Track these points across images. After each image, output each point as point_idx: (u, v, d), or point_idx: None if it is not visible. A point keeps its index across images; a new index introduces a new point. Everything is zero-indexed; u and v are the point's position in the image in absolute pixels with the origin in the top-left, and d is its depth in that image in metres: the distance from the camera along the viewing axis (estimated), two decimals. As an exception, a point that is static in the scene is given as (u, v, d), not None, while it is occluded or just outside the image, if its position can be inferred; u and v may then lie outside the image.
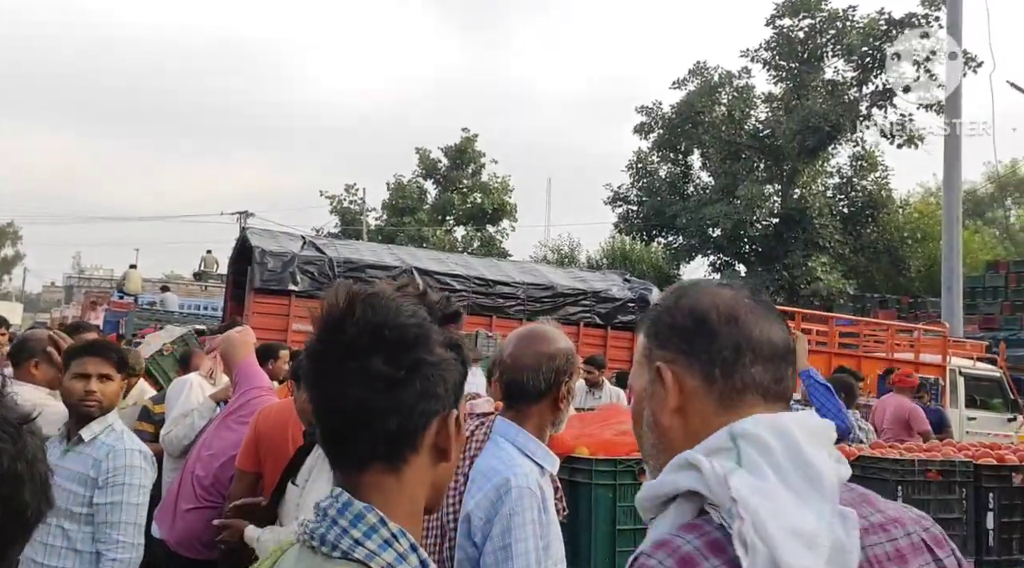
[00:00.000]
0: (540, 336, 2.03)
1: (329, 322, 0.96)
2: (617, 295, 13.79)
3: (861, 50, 24.55)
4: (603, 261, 31.78)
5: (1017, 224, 34.90)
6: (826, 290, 23.55)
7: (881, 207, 25.79)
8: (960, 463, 2.95)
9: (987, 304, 19.91)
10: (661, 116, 27.50)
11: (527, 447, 1.95)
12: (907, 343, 12.44)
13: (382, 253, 12.93)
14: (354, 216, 34.54)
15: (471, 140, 33.96)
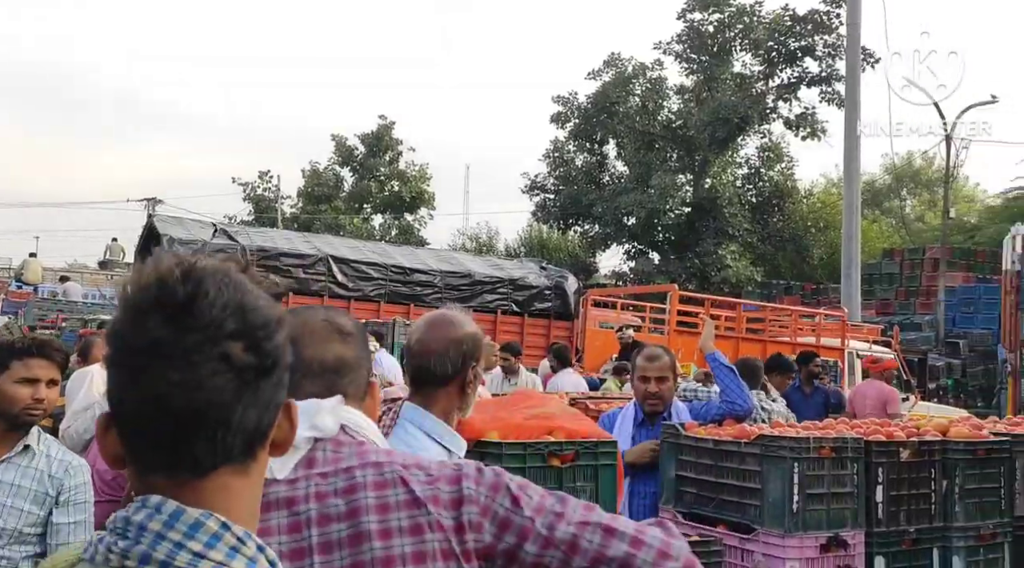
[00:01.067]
0: (447, 321, 2.04)
1: (168, 301, 0.79)
2: (534, 283, 13.93)
3: (767, 45, 25.45)
4: (521, 249, 31.99)
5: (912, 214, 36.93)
6: (735, 277, 24.41)
7: (787, 197, 26.89)
8: (852, 440, 3.10)
9: (883, 290, 21.07)
10: (577, 106, 27.82)
11: (434, 431, 1.95)
12: (809, 328, 13.02)
13: (297, 241, 12.66)
14: (268, 203, 33.63)
15: (388, 127, 33.52)
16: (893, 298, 20.59)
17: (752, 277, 24.87)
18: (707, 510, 3.22)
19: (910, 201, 37.73)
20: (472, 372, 1.98)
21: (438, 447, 1.92)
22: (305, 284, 11.79)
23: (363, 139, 33.55)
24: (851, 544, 3.00)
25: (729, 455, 3.17)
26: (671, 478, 3.41)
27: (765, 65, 26.02)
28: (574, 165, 28.82)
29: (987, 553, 3.18)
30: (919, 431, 3.43)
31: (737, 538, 3.04)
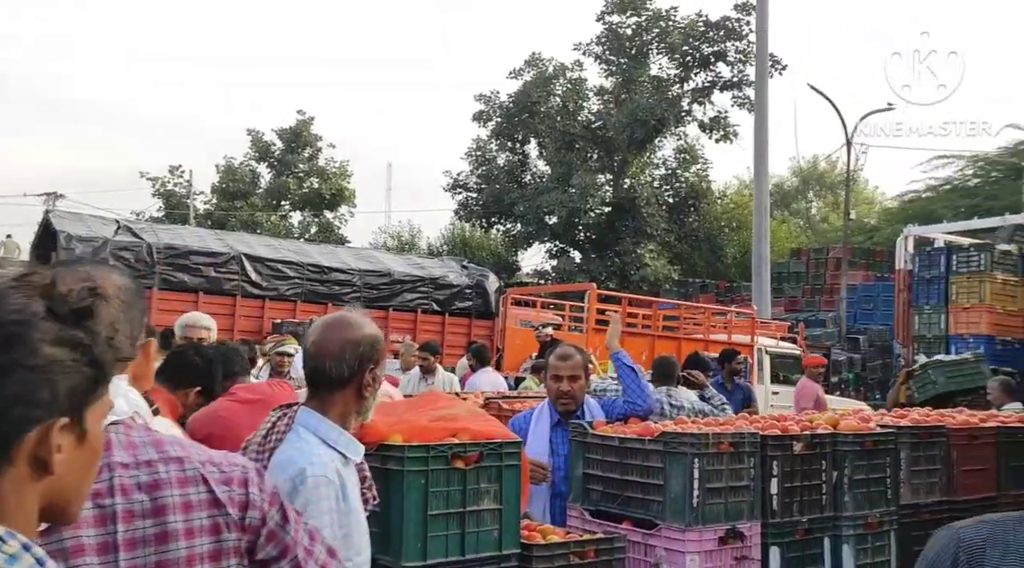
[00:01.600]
0: (344, 323, 2.00)
1: None
2: (455, 282, 13.91)
3: (682, 49, 26.11)
4: (443, 248, 31.88)
5: (818, 215, 38.59)
6: (654, 275, 24.95)
7: (702, 198, 27.68)
8: (749, 434, 3.21)
9: (791, 288, 21.93)
10: (499, 105, 27.90)
11: (329, 436, 1.92)
12: (721, 325, 13.44)
13: (208, 239, 12.28)
14: (180, 200, 32.44)
15: (307, 123, 32.82)
16: (800, 296, 21.46)
17: (670, 276, 25.48)
18: (613, 507, 3.27)
19: (816, 203, 39.43)
20: (370, 375, 1.95)
21: (332, 452, 1.89)
22: (216, 283, 11.46)
23: (281, 135, 32.75)
24: (747, 536, 3.10)
25: (634, 452, 3.24)
26: (578, 477, 3.45)
27: (681, 69, 26.69)
28: (496, 164, 28.90)
29: (874, 541, 3.34)
30: (812, 425, 3.58)
31: (640, 534, 3.10)
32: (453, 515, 2.47)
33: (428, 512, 2.42)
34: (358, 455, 1.97)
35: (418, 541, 2.40)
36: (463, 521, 2.49)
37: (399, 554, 2.37)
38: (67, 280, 0.93)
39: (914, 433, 3.62)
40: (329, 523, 1.77)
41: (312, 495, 1.77)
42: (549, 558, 2.65)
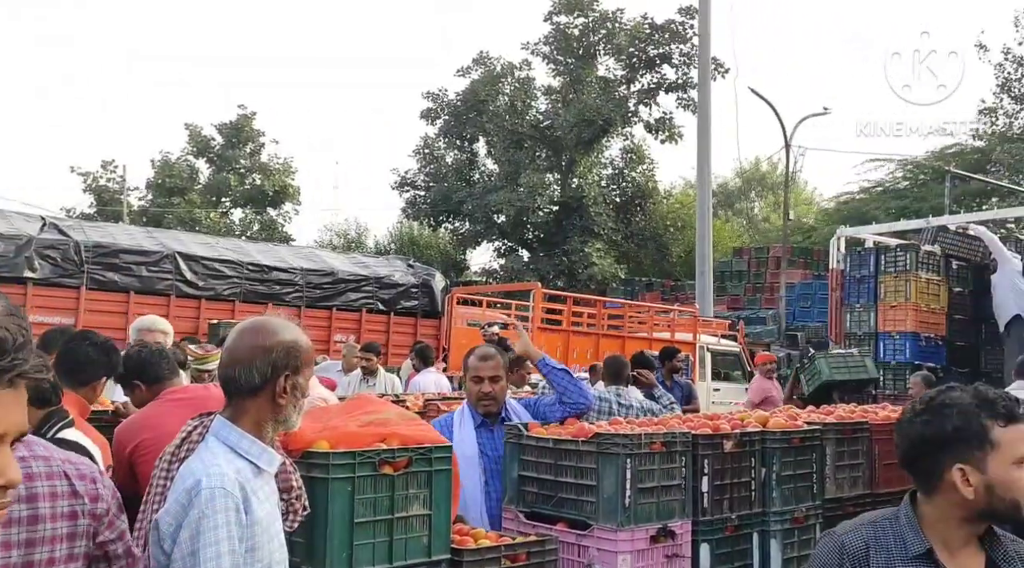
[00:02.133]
0: (259, 328, 1.94)
1: None
2: (400, 281, 13.80)
3: (629, 50, 26.39)
4: (391, 246, 31.63)
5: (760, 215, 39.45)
6: (601, 274, 25.16)
7: (648, 197, 28.00)
8: (680, 434, 3.24)
9: (734, 286, 22.36)
10: (447, 103, 27.80)
11: (240, 446, 1.86)
12: (665, 323, 13.61)
13: (140, 237, 11.92)
14: (112, 195, 31.42)
15: (248, 118, 32.15)
16: (742, 294, 21.88)
17: (616, 274, 25.72)
18: (547, 508, 3.27)
19: (758, 203, 40.30)
20: (286, 382, 1.89)
21: (242, 462, 1.84)
22: (149, 283, 11.14)
23: (220, 129, 32.01)
24: (679, 534, 3.13)
25: (568, 453, 3.23)
26: (514, 478, 3.44)
27: (627, 70, 26.97)
28: (444, 162, 28.78)
29: (800, 535, 3.41)
30: (743, 423, 3.63)
31: (574, 535, 3.10)
32: (380, 522, 2.42)
33: (354, 520, 2.37)
34: (272, 466, 1.92)
35: (344, 550, 2.34)
36: (391, 528, 2.44)
37: (324, 564, 2.32)
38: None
39: (838, 429, 3.71)
40: (226, 536, 1.71)
41: (207, 508, 1.72)
42: (480, 563, 2.63)
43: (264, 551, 1.82)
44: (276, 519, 1.92)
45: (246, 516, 1.76)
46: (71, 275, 10.43)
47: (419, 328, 13.64)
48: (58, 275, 10.31)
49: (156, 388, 3.21)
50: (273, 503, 1.92)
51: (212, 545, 1.69)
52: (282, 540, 1.93)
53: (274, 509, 1.92)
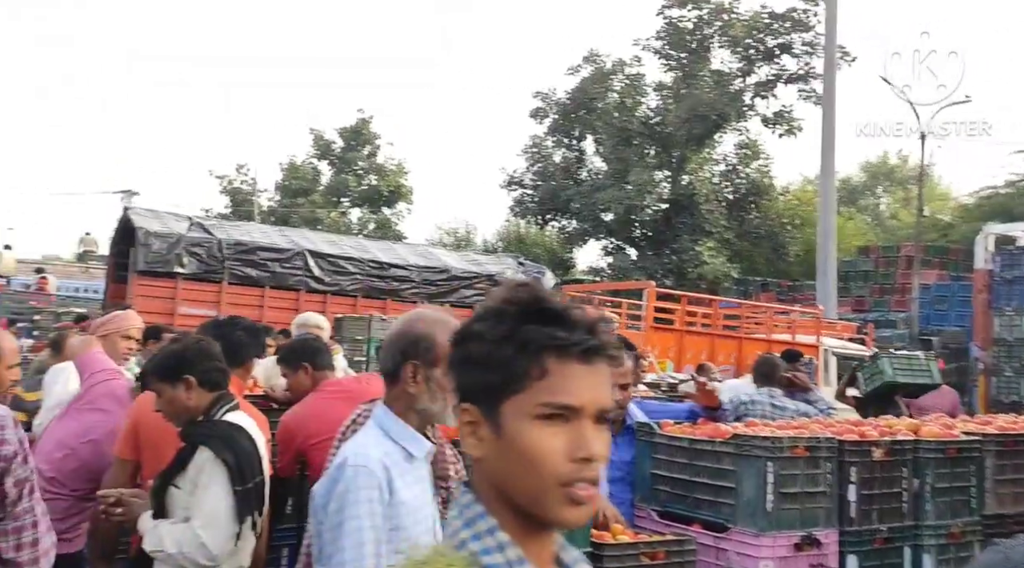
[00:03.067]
0: (403, 319, 2.06)
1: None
2: (511, 278, 13.91)
3: (745, 42, 25.57)
4: (499, 244, 31.97)
5: (887, 211, 37.38)
6: (712, 273, 24.52)
7: (763, 194, 27.05)
8: (825, 439, 3.12)
9: (858, 287, 21.26)
10: (556, 102, 27.82)
11: (392, 430, 1.96)
12: (785, 325, 13.13)
13: (274, 235, 12.55)
14: (245, 197, 33.32)
15: (367, 121, 33.32)
16: (868, 295, 20.79)
17: (729, 274, 25.01)
18: (681, 508, 3.23)
19: (885, 199, 38.20)
20: (415, 371, 1.97)
21: (393, 446, 1.93)
22: (282, 278, 11.69)
23: (341, 133, 33.33)
24: (824, 543, 3.02)
25: (703, 454, 3.18)
26: (645, 476, 3.41)
27: (743, 62, 26.15)
28: (552, 161, 28.83)
29: (957, 552, 3.22)
30: (892, 430, 3.46)
31: (711, 537, 3.05)
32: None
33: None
34: (420, 451, 1.98)
35: (491, 538, 2.39)
36: (535, 520, 2.47)
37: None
38: None
39: (1000, 441, 3.47)
40: (367, 512, 1.81)
41: (350, 483, 1.82)
42: (620, 558, 2.63)
43: (409, 532, 1.89)
44: (425, 504, 1.98)
45: (389, 496, 1.85)
46: (214, 271, 11.12)
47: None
48: (203, 270, 11.02)
49: (319, 375, 3.42)
50: (423, 488, 1.98)
51: (354, 519, 1.79)
52: (430, 526, 1.99)
53: (423, 494, 1.98)
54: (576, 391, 1.02)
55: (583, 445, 1.01)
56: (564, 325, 1.03)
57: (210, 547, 2.37)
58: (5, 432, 1.77)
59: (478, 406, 1.04)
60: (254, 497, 2.46)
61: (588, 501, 1.02)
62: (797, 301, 18.05)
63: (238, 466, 2.43)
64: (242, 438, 2.52)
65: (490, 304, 1.08)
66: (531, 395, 1.01)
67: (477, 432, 1.04)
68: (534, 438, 1.01)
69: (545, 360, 1.02)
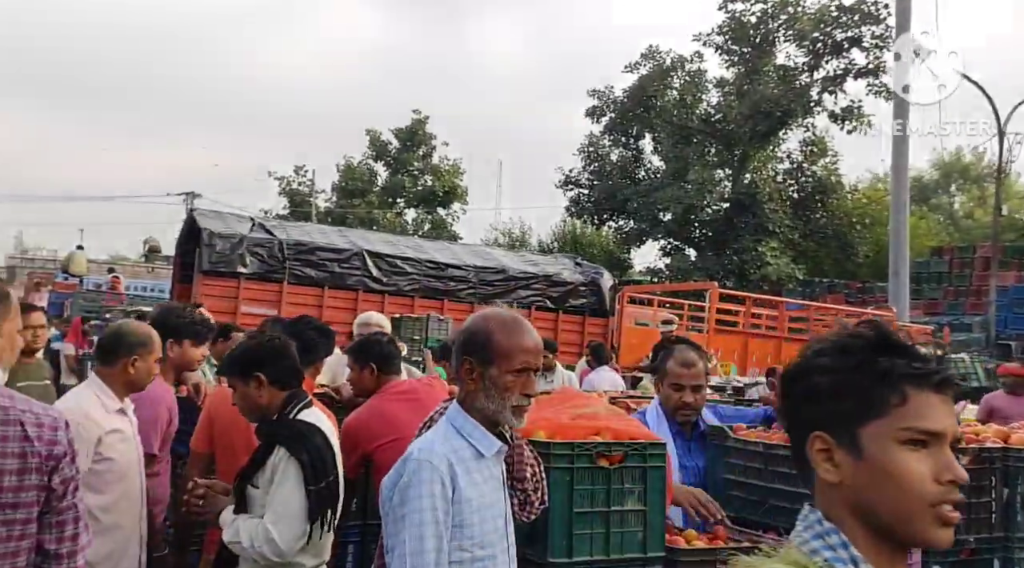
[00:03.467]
0: (472, 316, 2.12)
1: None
2: (568, 279, 13.81)
3: (812, 35, 24.89)
4: (554, 245, 31.85)
5: (961, 210, 35.98)
6: (775, 274, 23.95)
7: (830, 192, 26.27)
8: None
9: (931, 289, 20.50)
10: (613, 100, 27.54)
11: (463, 428, 2.00)
12: (854, 326, 12.71)
13: (332, 236, 12.71)
14: (303, 198, 33.96)
15: (422, 122, 33.59)
16: (942, 298, 20.02)
17: (793, 275, 24.39)
18: (756, 516, 3.10)
19: (959, 197, 36.75)
20: (472, 369, 1.99)
21: (463, 443, 1.98)
22: (340, 278, 11.83)
23: (397, 134, 33.67)
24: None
25: (780, 460, 3.05)
26: (718, 482, 3.29)
27: (810, 56, 25.44)
28: (609, 160, 28.57)
29: (1052, 564, 3.02)
30: (979, 437, 3.26)
31: (789, 545, 2.92)
32: (598, 514, 2.41)
33: (573, 509, 2.36)
34: (489, 450, 2.00)
35: (563, 538, 2.36)
36: (607, 521, 2.42)
37: (544, 551, 2.33)
38: None
39: (1105, 450, 3.24)
40: (428, 506, 1.86)
41: (412, 477, 1.89)
42: (695, 564, 2.54)
43: (475, 530, 1.92)
44: (496, 503, 1.99)
45: (453, 492, 1.89)
46: (275, 270, 11.31)
47: (587, 326, 13.59)
48: (265, 270, 11.22)
49: (383, 379, 3.42)
50: (493, 488, 2.00)
51: (415, 512, 1.85)
52: (499, 525, 1.99)
53: (492, 493, 1.99)
54: (937, 418, 1.10)
55: (950, 468, 1.10)
56: (915, 358, 1.12)
57: (279, 543, 2.41)
58: (58, 433, 1.87)
59: (831, 434, 1.11)
60: (327, 496, 2.49)
61: (955, 522, 1.11)
62: (867, 303, 17.48)
63: (312, 465, 2.47)
64: (316, 437, 2.55)
65: (829, 340, 1.17)
66: (893, 421, 1.09)
67: (832, 458, 1.11)
68: (902, 461, 1.09)
69: (905, 389, 1.10)
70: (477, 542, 1.92)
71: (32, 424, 1.85)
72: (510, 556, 2.05)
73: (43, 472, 1.84)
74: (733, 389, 7.67)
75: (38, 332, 4.79)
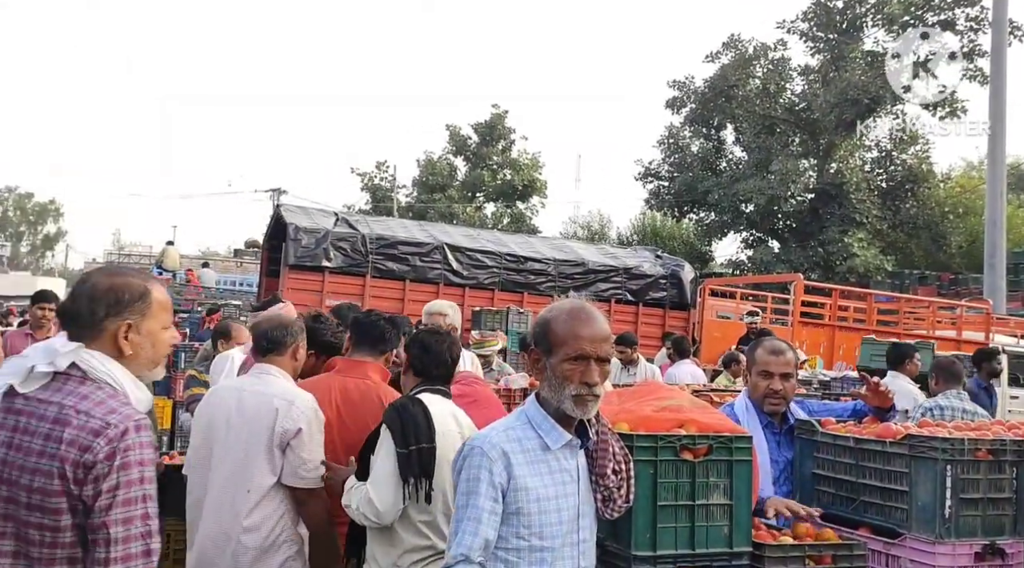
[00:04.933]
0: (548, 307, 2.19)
1: None
2: (649, 272, 13.68)
3: (902, 20, 23.86)
4: (633, 238, 31.55)
5: (1062, 199, 33.86)
6: (863, 266, 23.12)
7: (921, 181, 25.16)
8: (1011, 442, 2.86)
9: (1031, 280, 19.41)
10: (693, 90, 27.07)
11: (535, 419, 2.06)
12: (949, 320, 12.19)
13: (414, 230, 12.94)
14: (385, 193, 34.62)
15: (501, 116, 33.75)
16: (1042, 289, 18.93)
17: (882, 266, 23.48)
18: (847, 511, 3.05)
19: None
20: (534, 358, 2.09)
21: (533, 433, 2.03)
22: (422, 272, 12.04)
23: (476, 128, 33.93)
24: (1009, 553, 2.77)
25: (872, 455, 2.99)
26: (806, 476, 3.25)
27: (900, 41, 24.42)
28: (689, 151, 28.10)
29: None
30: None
31: (881, 542, 2.86)
32: (682, 507, 2.40)
33: (657, 503, 2.36)
34: (556, 444, 2.04)
35: (647, 531, 2.35)
36: (692, 514, 2.41)
37: (629, 543, 2.34)
38: None
39: None
40: (477, 489, 1.94)
41: (464, 462, 1.99)
42: (783, 560, 2.51)
43: (533, 520, 1.96)
44: (563, 496, 2.02)
45: (508, 480, 1.95)
46: (358, 264, 11.61)
47: (667, 319, 13.44)
48: (348, 264, 11.52)
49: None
50: (561, 479, 2.02)
51: (463, 495, 1.95)
52: (566, 518, 2.01)
53: (561, 486, 2.02)
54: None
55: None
56: None
57: (377, 504, 2.60)
58: (96, 441, 1.69)
59: None
60: (417, 460, 2.63)
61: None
62: (961, 295, 16.71)
63: (402, 430, 2.64)
64: (416, 408, 2.72)
65: None
66: None
67: None
68: None
69: None
70: (536, 532, 1.95)
71: (76, 427, 1.68)
72: (580, 551, 2.04)
73: (68, 479, 1.65)
74: (819, 383, 7.47)
75: None
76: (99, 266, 5.24)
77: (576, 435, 2.09)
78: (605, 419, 2.18)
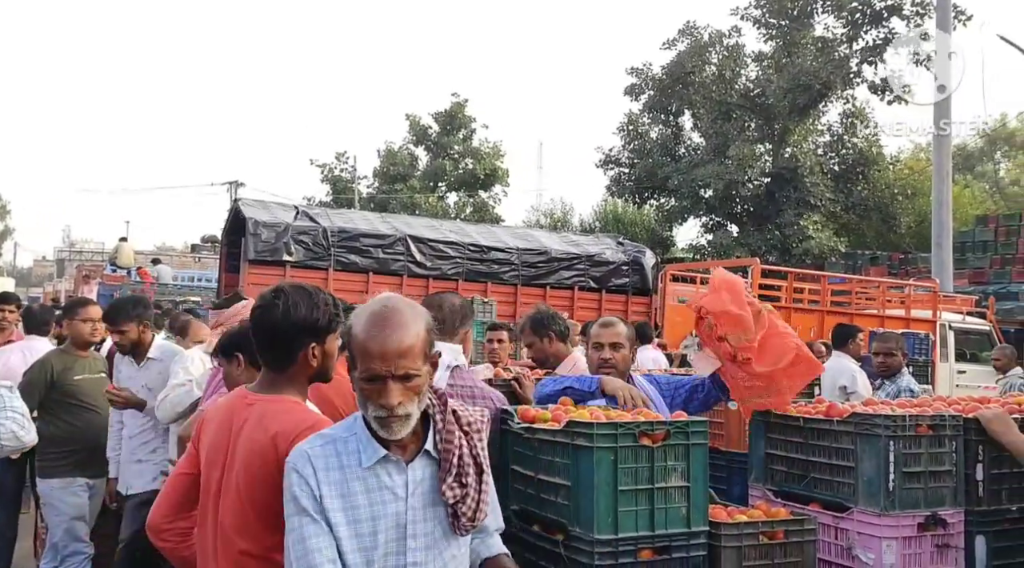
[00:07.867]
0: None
1: None
2: (611, 259, 13.85)
3: (851, 6, 24.32)
4: (596, 225, 31.75)
5: (1007, 178, 34.95)
6: (818, 248, 23.64)
7: (872, 164, 25.75)
8: (950, 417, 3.03)
9: (977, 258, 20.07)
10: (651, 77, 27.28)
11: (359, 429, 1.93)
12: (898, 300, 12.57)
13: (376, 222, 12.92)
14: (345, 184, 34.27)
15: (461, 105, 33.61)
16: (987, 267, 19.58)
17: (836, 248, 24.03)
18: (798, 488, 3.20)
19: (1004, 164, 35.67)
20: (349, 364, 1.93)
21: (352, 445, 1.86)
22: (385, 264, 12.04)
23: (437, 118, 33.75)
24: (951, 523, 2.95)
25: (820, 433, 3.14)
26: (760, 456, 3.40)
27: (849, 27, 24.90)
28: (649, 138, 28.34)
29: (1096, 534, 3.07)
30: (1021, 408, 3.31)
31: (831, 516, 3.02)
32: (642, 491, 2.50)
33: (618, 488, 2.47)
34: (369, 460, 1.86)
35: (609, 515, 2.45)
36: (652, 498, 2.51)
37: (592, 526, 2.44)
38: None
39: None
40: (291, 497, 1.89)
41: (288, 466, 1.95)
42: (737, 536, 2.64)
43: (344, 544, 1.79)
44: (384, 516, 1.83)
45: (319, 490, 1.80)
46: (320, 258, 11.56)
47: (630, 306, 13.64)
48: (310, 258, 11.47)
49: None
50: (380, 500, 1.83)
51: (289, 501, 1.83)
52: (386, 540, 1.82)
53: (380, 507, 1.83)
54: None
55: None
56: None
57: None
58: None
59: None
60: None
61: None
62: (910, 275, 17.21)
63: None
64: None
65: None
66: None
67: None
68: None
69: None
70: (348, 553, 1.78)
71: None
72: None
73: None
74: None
75: (96, 325, 5.00)
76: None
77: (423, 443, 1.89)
78: (467, 420, 1.95)
